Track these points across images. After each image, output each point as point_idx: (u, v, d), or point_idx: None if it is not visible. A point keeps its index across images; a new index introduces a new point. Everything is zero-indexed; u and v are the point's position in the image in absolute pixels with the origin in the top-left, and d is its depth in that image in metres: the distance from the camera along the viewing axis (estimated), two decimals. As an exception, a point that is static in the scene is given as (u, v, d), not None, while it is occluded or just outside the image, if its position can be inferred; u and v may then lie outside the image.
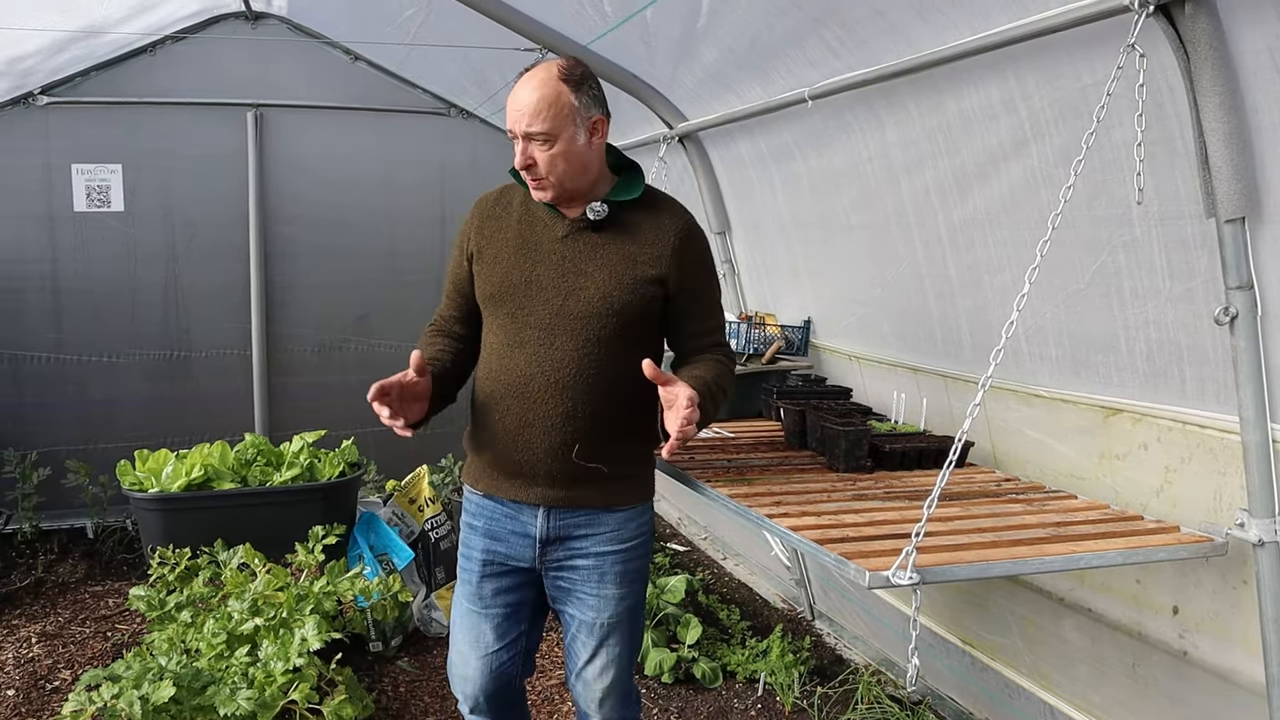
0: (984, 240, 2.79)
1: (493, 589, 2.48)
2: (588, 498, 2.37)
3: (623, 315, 2.29)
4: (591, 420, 2.31)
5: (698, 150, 4.19)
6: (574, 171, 2.26)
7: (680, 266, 2.33)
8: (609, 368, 2.30)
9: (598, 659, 2.47)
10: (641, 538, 2.46)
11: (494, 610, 2.49)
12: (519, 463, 2.36)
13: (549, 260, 2.31)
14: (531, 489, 2.37)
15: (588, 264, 2.30)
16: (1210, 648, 2.37)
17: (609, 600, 2.42)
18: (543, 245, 2.33)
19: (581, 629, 2.46)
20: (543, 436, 2.31)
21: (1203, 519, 2.31)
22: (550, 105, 2.20)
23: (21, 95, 5.24)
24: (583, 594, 2.43)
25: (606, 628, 2.44)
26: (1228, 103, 1.95)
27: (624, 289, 2.29)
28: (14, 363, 5.45)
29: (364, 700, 3.48)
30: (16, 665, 3.99)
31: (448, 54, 4.85)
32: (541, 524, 2.39)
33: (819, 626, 4.48)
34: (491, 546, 2.46)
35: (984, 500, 2.61)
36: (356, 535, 4.47)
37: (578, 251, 2.31)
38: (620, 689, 2.53)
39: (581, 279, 2.29)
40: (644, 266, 2.31)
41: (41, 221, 5.42)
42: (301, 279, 5.87)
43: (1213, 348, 2.21)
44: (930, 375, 3.24)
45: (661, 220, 2.36)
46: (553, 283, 2.30)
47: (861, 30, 2.77)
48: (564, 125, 2.21)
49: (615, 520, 2.40)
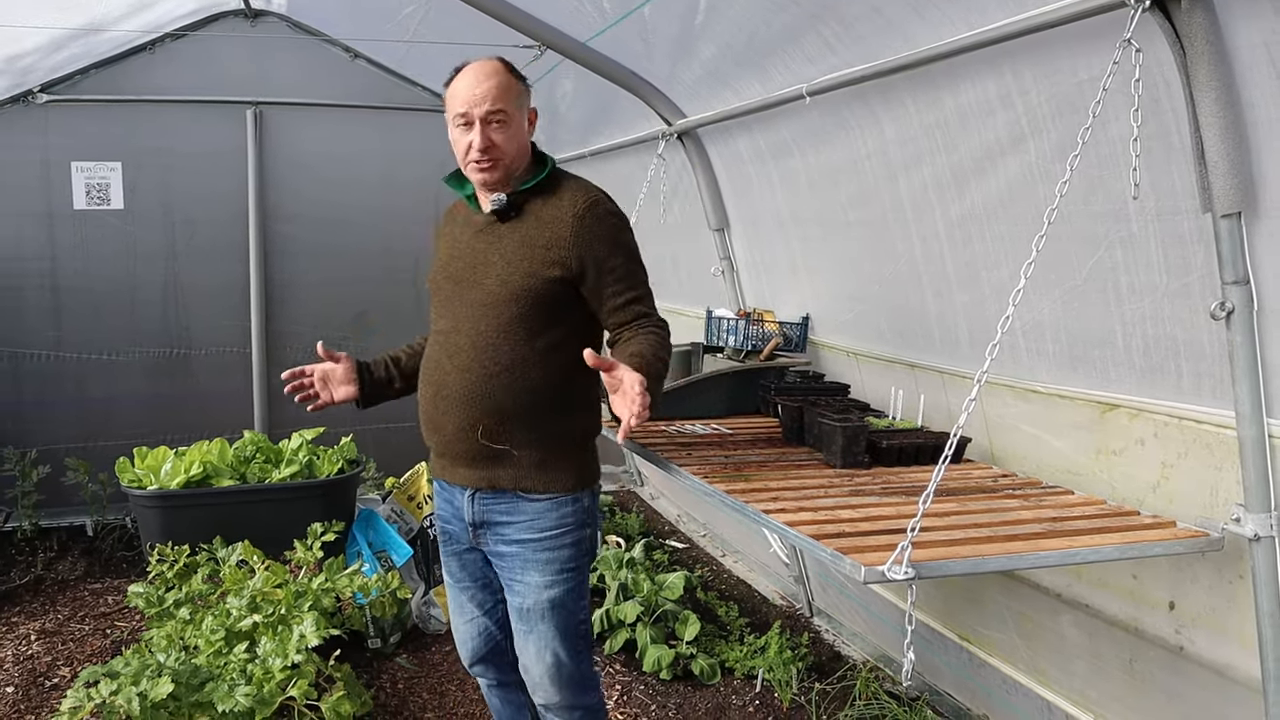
0: (981, 236, 2.79)
1: (458, 565, 2.70)
2: (501, 479, 2.47)
3: (521, 301, 2.38)
4: (494, 402, 2.41)
5: (696, 147, 4.19)
6: (519, 153, 2.44)
7: (578, 246, 2.38)
8: (511, 352, 2.40)
9: (530, 643, 2.55)
10: (565, 528, 2.49)
11: (465, 584, 2.71)
12: (438, 444, 2.54)
13: (465, 255, 2.50)
14: (454, 470, 2.53)
15: (491, 254, 2.44)
16: (1206, 643, 2.37)
17: (532, 587, 2.50)
18: (462, 241, 2.53)
19: (513, 613, 2.58)
20: (450, 417, 2.46)
21: (1199, 514, 2.31)
22: (507, 89, 2.39)
23: (21, 93, 5.25)
24: (510, 580, 2.55)
25: (534, 614, 2.52)
26: (1224, 98, 1.95)
27: (520, 274, 2.39)
28: (14, 360, 5.46)
29: (362, 697, 3.48)
30: (16, 662, 4.00)
31: (447, 51, 4.84)
32: (468, 507, 2.54)
33: (817, 623, 4.48)
34: (445, 527, 2.68)
35: (980, 496, 2.61)
36: (355, 532, 4.48)
37: (486, 243, 2.47)
38: (563, 675, 2.56)
39: (485, 269, 2.43)
40: (541, 250, 2.39)
41: (41, 219, 5.43)
42: (300, 277, 5.88)
43: (1209, 343, 2.21)
44: (928, 371, 3.24)
45: (561, 203, 2.43)
46: (464, 275, 2.48)
47: (859, 26, 2.77)
48: (516, 108, 2.41)
49: (534, 509, 2.48)
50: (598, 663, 4.07)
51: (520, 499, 2.48)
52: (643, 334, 2.40)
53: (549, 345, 2.41)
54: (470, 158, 2.40)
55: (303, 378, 2.69)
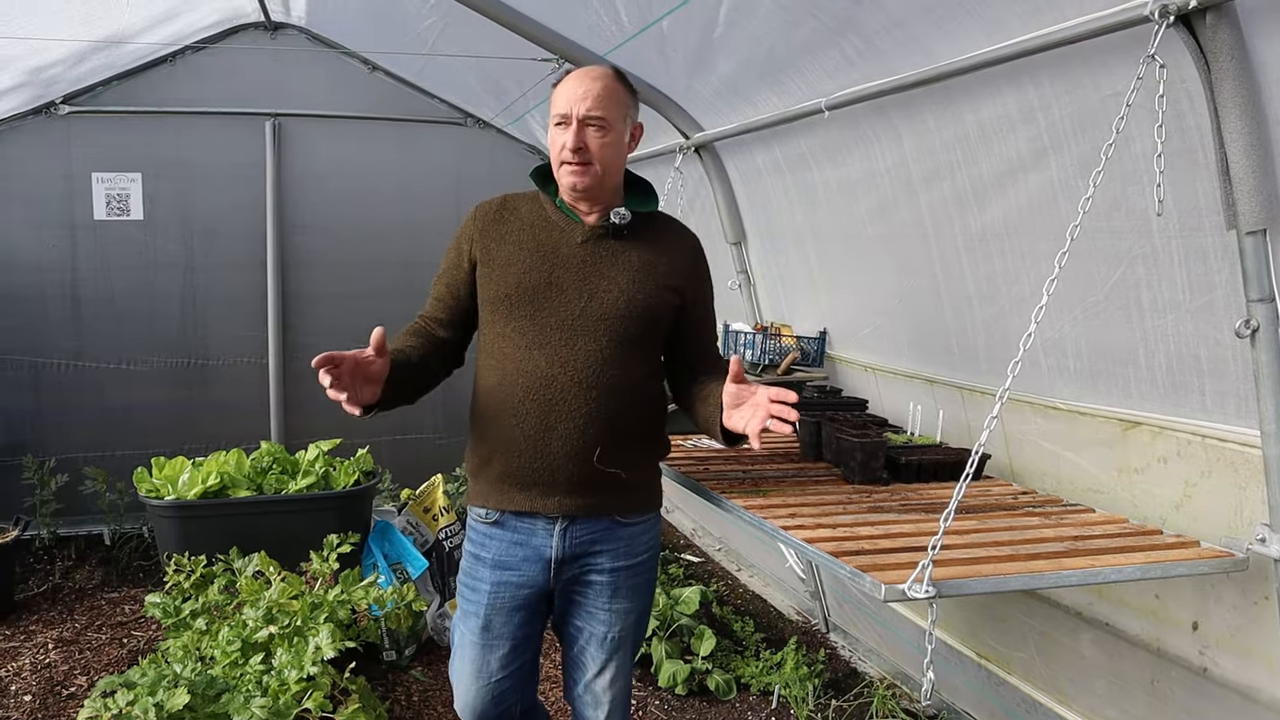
0: (1001, 252, 2.78)
1: (502, 623, 2.42)
2: (605, 506, 2.36)
3: (643, 318, 2.33)
4: (612, 423, 2.30)
5: (714, 160, 4.19)
6: (614, 165, 2.33)
7: (695, 279, 2.44)
8: (629, 370, 2.32)
9: (607, 671, 2.47)
10: (653, 551, 2.50)
11: (501, 643, 2.44)
12: (538, 469, 2.31)
13: (569, 264, 2.32)
14: (549, 498, 2.32)
15: (609, 268, 2.33)
16: (1231, 664, 2.35)
17: (620, 614, 2.44)
18: (561, 250, 2.34)
19: (591, 642, 2.46)
20: (564, 440, 2.28)
21: (1223, 534, 2.28)
22: (612, 95, 2.29)
23: (44, 104, 5.30)
24: (594, 608, 2.44)
25: (617, 641, 2.46)
26: (1249, 113, 1.93)
27: (646, 293, 2.33)
28: (34, 369, 5.49)
29: (377, 710, 3.47)
30: (33, 670, 4.01)
31: (465, 64, 4.87)
32: (557, 543, 2.36)
33: (833, 639, 4.46)
34: (502, 578, 2.40)
35: (1001, 513, 2.59)
36: (371, 544, 4.48)
37: (599, 256, 2.34)
38: (625, 697, 2.55)
39: (604, 281, 2.32)
40: (664, 274, 2.37)
41: (62, 230, 5.46)
42: (318, 288, 5.89)
43: (1233, 360, 2.19)
44: (947, 387, 3.22)
45: (675, 234, 2.48)
46: (574, 285, 2.31)
47: (879, 41, 2.76)
48: (619, 118, 2.31)
49: (629, 534, 2.41)
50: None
51: (616, 524, 2.39)
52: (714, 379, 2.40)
53: (654, 368, 2.42)
54: (562, 157, 2.28)
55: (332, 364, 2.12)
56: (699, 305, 2.46)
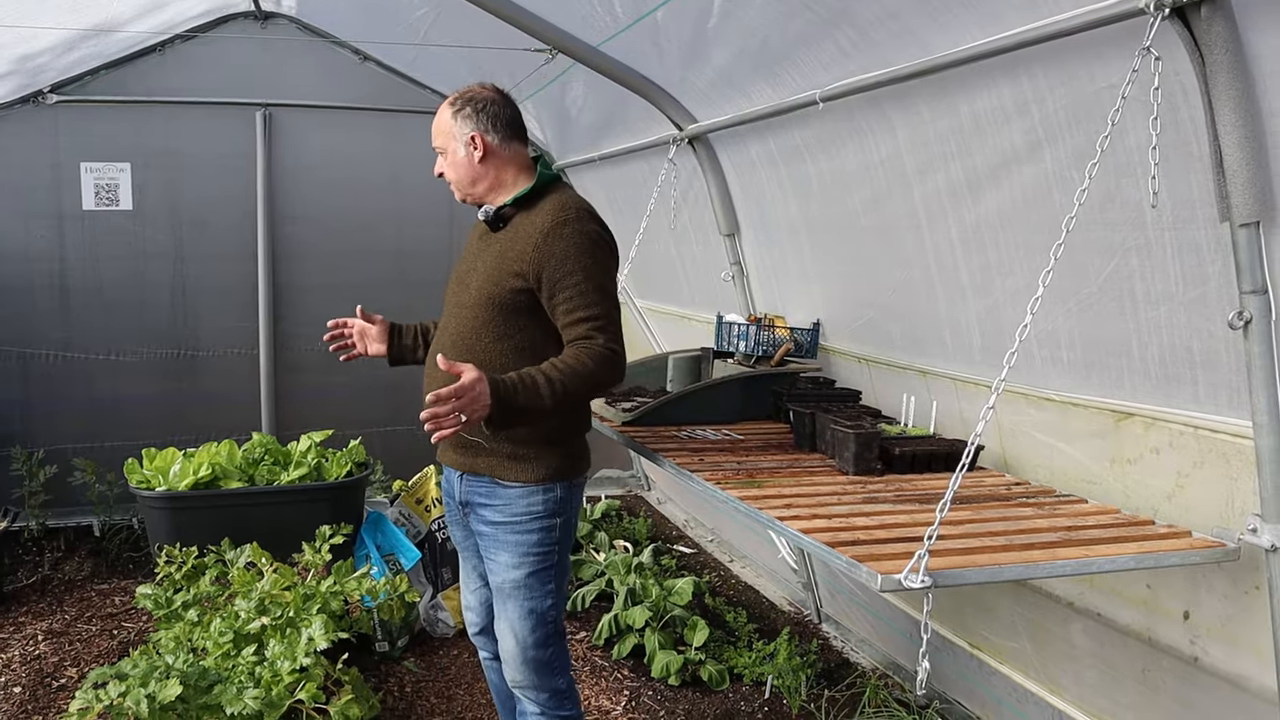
0: (995, 243, 2.79)
1: (462, 534, 2.92)
2: (478, 467, 2.68)
3: (491, 306, 2.60)
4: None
5: (707, 152, 4.19)
6: (466, 178, 2.71)
7: (540, 261, 2.53)
8: (486, 350, 2.61)
9: (500, 620, 2.74)
10: (533, 515, 2.65)
11: (468, 552, 2.94)
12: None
13: (466, 260, 2.78)
14: (447, 453, 2.78)
15: (478, 262, 2.70)
16: (1221, 654, 2.36)
17: (502, 566, 2.69)
18: (470, 248, 2.81)
19: (489, 583, 2.80)
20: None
21: (1215, 524, 2.30)
22: (440, 127, 2.71)
23: (32, 93, 5.27)
24: (486, 557, 2.76)
25: (502, 592, 2.71)
26: (1243, 106, 1.94)
27: (492, 283, 2.61)
28: (22, 360, 5.47)
29: (370, 700, 3.48)
30: (23, 662, 4.00)
31: (457, 55, 4.85)
32: (457, 487, 2.78)
33: (826, 629, 4.47)
34: (449, 501, 2.89)
35: (994, 504, 2.61)
36: (364, 535, 4.48)
37: (480, 250, 2.73)
38: (525, 656, 2.71)
39: (472, 275, 2.69)
40: (510, 262, 2.59)
41: (51, 220, 5.44)
42: (309, 279, 5.88)
43: (1226, 352, 2.20)
44: (940, 378, 3.23)
45: (535, 219, 2.60)
46: (461, 278, 2.75)
47: (874, 32, 2.76)
48: (449, 140, 2.69)
49: (507, 495, 2.66)
50: (605, 667, 4.07)
51: (497, 485, 2.67)
52: (572, 350, 2.51)
53: (516, 348, 2.61)
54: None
55: (344, 328, 2.99)
56: (547, 286, 2.54)
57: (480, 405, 2.33)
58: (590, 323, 2.52)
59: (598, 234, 2.58)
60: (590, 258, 2.54)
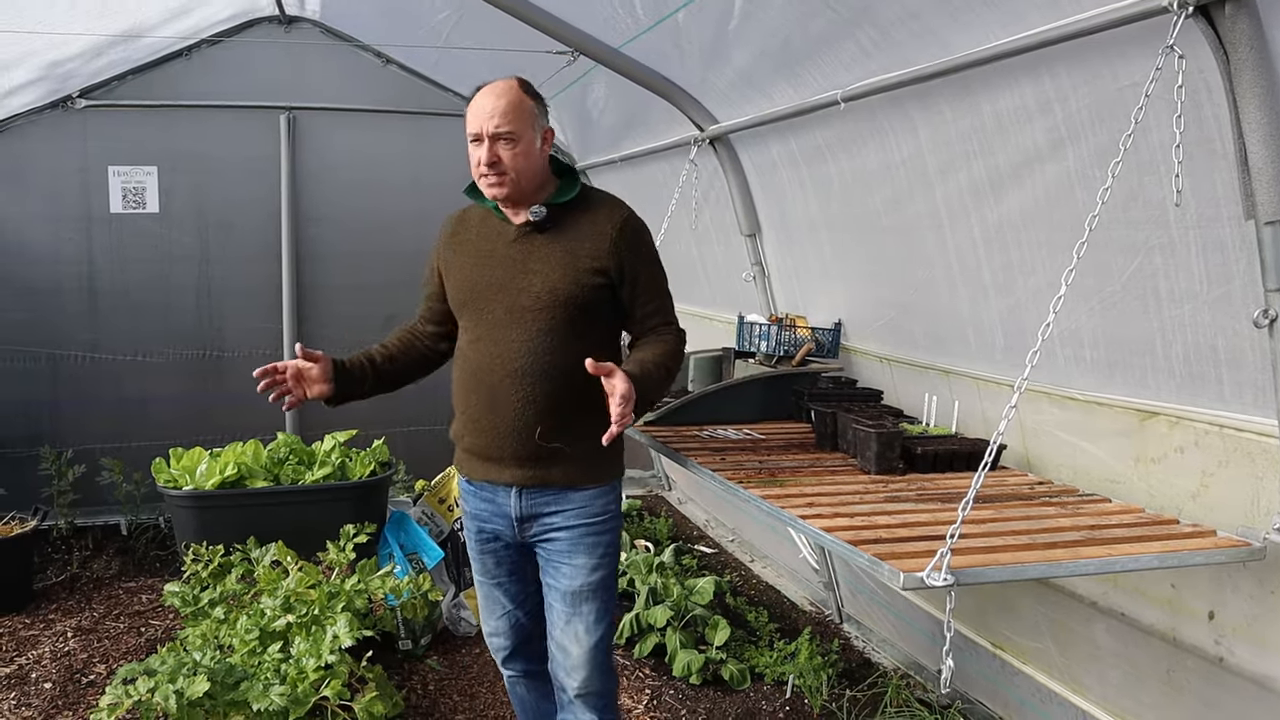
0: (1018, 242, 2.78)
1: (494, 561, 2.77)
2: (552, 477, 2.58)
3: (569, 306, 2.51)
4: (548, 403, 2.51)
5: (728, 152, 4.20)
6: (529, 171, 2.51)
7: (619, 256, 2.54)
8: (560, 355, 2.50)
9: (574, 625, 2.64)
10: (608, 515, 2.64)
11: (500, 578, 2.79)
12: (490, 447, 2.59)
13: (503, 264, 2.57)
14: (503, 471, 2.60)
15: (535, 262, 2.54)
16: (1247, 654, 2.35)
17: (580, 570, 2.61)
18: (497, 251, 2.59)
19: (556, 596, 2.65)
20: (506, 421, 2.54)
21: (1240, 523, 2.29)
22: (515, 109, 2.49)
23: (61, 98, 5.34)
24: (558, 564, 2.63)
25: (579, 595, 2.62)
26: (1268, 104, 1.94)
27: (568, 281, 2.51)
28: (51, 361, 5.54)
29: (394, 698, 3.50)
30: (53, 659, 4.05)
31: (479, 57, 4.88)
32: (515, 503, 2.62)
33: (847, 629, 4.47)
34: (482, 525, 2.74)
35: (1017, 503, 2.60)
36: (387, 534, 4.51)
37: (527, 253, 2.56)
38: (595, 660, 2.66)
39: (530, 276, 2.53)
40: (586, 259, 2.52)
41: (79, 223, 5.51)
42: (332, 280, 5.93)
43: (1251, 351, 2.19)
44: (962, 378, 3.23)
45: (599, 216, 2.57)
46: (507, 282, 2.56)
47: (895, 32, 2.77)
48: (526, 128, 2.49)
49: (581, 498, 2.60)
50: (627, 666, 4.08)
51: (568, 490, 2.59)
52: (656, 339, 2.62)
53: (594, 344, 2.51)
54: (480, 171, 2.51)
55: (275, 374, 2.66)
56: (627, 281, 2.56)
57: (625, 410, 2.31)
58: (666, 312, 2.65)
59: (648, 227, 2.68)
60: (654, 251, 2.66)
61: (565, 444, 2.54)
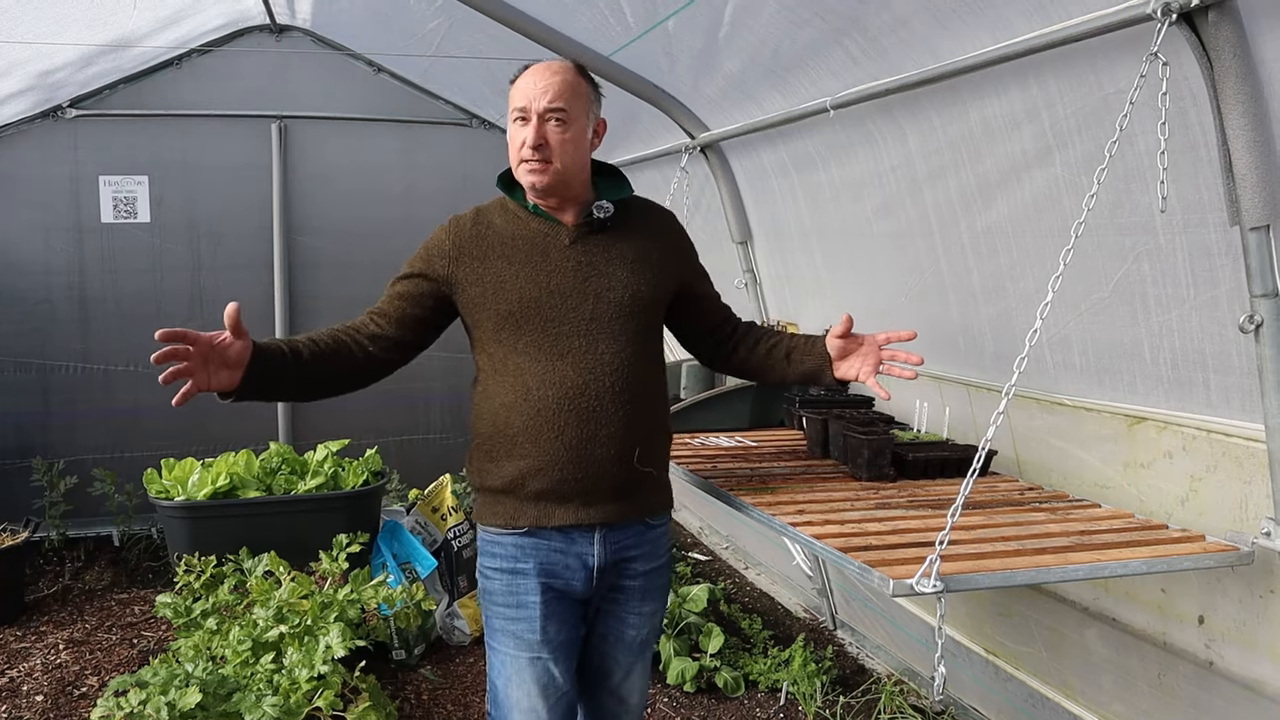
0: (1007, 248, 2.79)
1: (556, 628, 2.29)
2: (639, 507, 2.31)
3: (651, 309, 2.31)
4: (644, 421, 2.27)
5: (719, 160, 4.21)
6: (577, 162, 2.23)
7: (688, 255, 2.49)
8: (646, 365, 2.28)
9: (633, 674, 2.47)
10: (669, 551, 2.52)
11: (560, 650, 2.30)
12: (581, 480, 2.22)
13: (563, 268, 2.23)
14: (590, 508, 2.24)
15: (605, 264, 2.25)
16: (1237, 658, 2.36)
17: (646, 616, 2.43)
18: (550, 255, 2.24)
19: (619, 646, 2.42)
20: (607, 446, 2.21)
21: (1228, 528, 2.30)
22: (574, 88, 2.21)
23: (51, 108, 5.34)
24: (625, 614, 2.40)
25: (644, 643, 2.45)
26: (1251, 110, 1.95)
27: (648, 283, 2.29)
28: (42, 372, 5.53)
29: (388, 708, 3.49)
30: (45, 671, 4.04)
31: (470, 65, 4.90)
32: (599, 550, 2.28)
33: (841, 636, 4.47)
34: (551, 584, 2.28)
35: (1007, 509, 2.61)
36: (380, 544, 4.50)
37: (591, 254, 2.25)
38: (639, 712, 2.56)
39: (604, 279, 2.24)
40: (659, 260, 2.34)
41: (70, 233, 5.51)
42: (324, 289, 5.92)
43: (1238, 355, 2.20)
44: (953, 384, 3.24)
45: (656, 216, 2.46)
46: (575, 288, 2.22)
47: (883, 40, 2.78)
48: (581, 112, 2.22)
49: (654, 535, 2.39)
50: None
51: (646, 527, 2.36)
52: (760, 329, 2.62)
53: (660, 359, 2.37)
54: (522, 155, 2.18)
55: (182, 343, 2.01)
56: (699, 279, 2.52)
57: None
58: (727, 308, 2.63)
59: None
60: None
61: (654, 467, 2.30)
